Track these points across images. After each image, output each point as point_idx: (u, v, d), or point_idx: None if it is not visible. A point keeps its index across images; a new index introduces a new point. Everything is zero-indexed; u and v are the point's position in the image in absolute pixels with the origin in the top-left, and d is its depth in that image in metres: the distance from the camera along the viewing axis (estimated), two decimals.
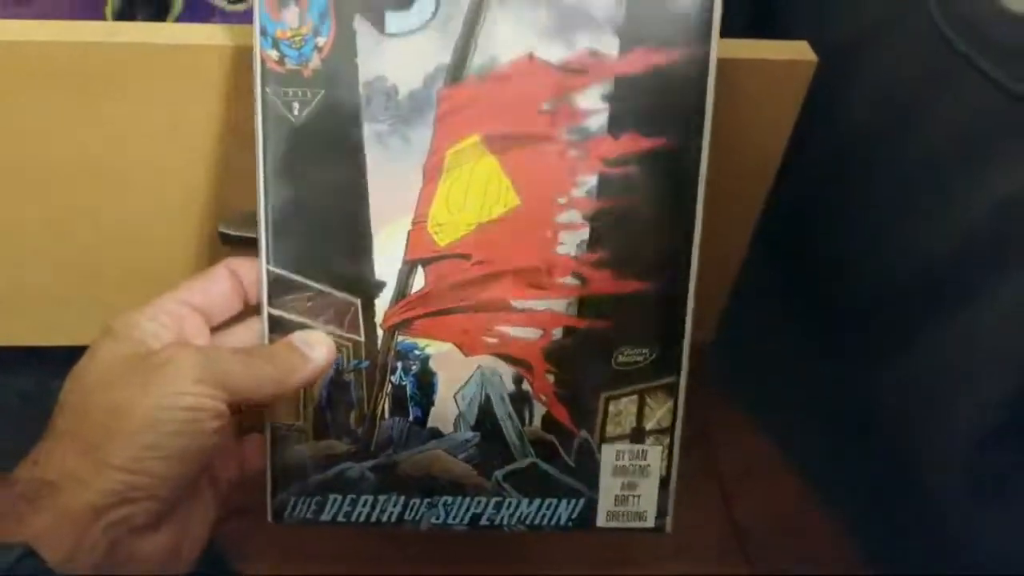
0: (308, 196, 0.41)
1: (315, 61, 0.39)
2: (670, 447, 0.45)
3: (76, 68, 0.40)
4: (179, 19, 0.49)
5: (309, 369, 0.39)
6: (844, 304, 0.51)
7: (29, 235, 0.47)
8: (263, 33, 0.39)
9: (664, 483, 0.45)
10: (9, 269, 0.49)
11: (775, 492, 0.51)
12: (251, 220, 0.41)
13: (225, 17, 0.49)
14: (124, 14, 0.49)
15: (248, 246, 0.42)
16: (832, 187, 0.51)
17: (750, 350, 0.56)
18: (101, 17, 0.48)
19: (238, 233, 0.44)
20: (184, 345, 0.36)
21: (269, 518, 0.44)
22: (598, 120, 0.41)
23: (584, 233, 0.42)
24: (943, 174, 0.42)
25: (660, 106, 0.41)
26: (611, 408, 0.45)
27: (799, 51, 0.43)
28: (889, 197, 0.46)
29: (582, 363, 0.44)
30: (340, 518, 0.44)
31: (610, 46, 0.40)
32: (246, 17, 0.46)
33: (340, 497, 0.44)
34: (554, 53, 0.40)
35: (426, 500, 0.44)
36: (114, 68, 0.40)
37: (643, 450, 0.45)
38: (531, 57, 0.40)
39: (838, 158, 0.49)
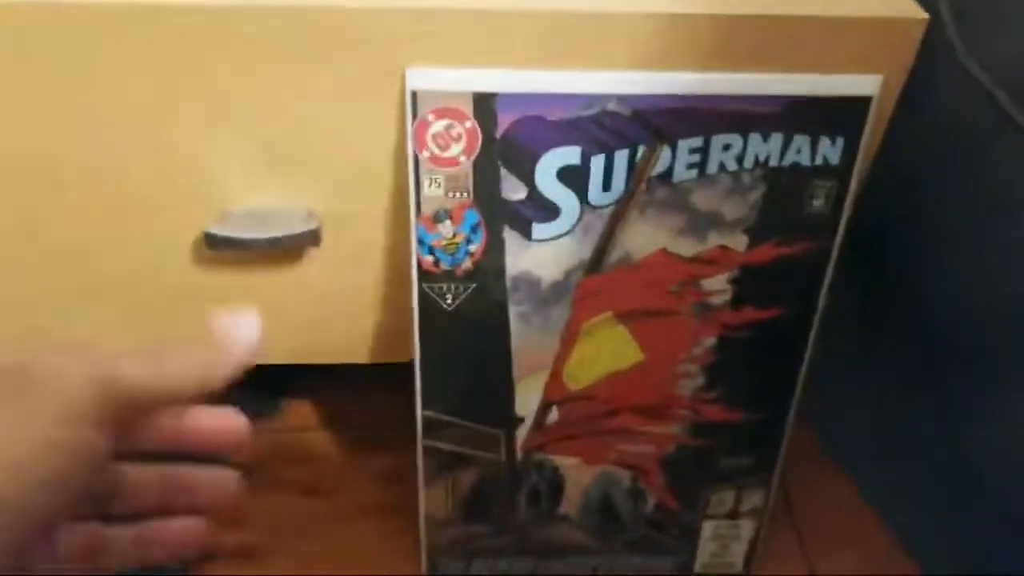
0: (459, 358, 0.46)
1: (467, 263, 0.43)
2: (760, 519, 0.54)
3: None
4: None
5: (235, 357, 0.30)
6: (943, 350, 0.54)
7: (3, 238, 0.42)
8: (420, 242, 0.42)
9: (753, 542, 0.54)
10: None
11: (856, 541, 0.57)
12: (239, 220, 0.40)
13: None
14: None
15: (235, 248, 0.41)
16: (917, 225, 0.52)
17: (839, 395, 0.61)
18: None
19: (225, 234, 0.41)
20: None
21: (423, 572, 0.55)
22: (722, 297, 0.45)
23: (701, 379, 0.48)
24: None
25: (782, 285, 0.44)
26: (713, 498, 0.53)
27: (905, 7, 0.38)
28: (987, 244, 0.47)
29: (691, 469, 0.51)
30: (484, 573, 0.55)
31: (739, 243, 0.43)
32: None
33: (483, 560, 0.54)
34: (685, 248, 0.43)
35: (555, 559, 0.54)
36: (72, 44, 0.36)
37: (737, 523, 0.54)
38: (664, 251, 0.43)
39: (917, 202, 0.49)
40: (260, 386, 0.65)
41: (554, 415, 0.49)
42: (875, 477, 0.60)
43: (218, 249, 0.42)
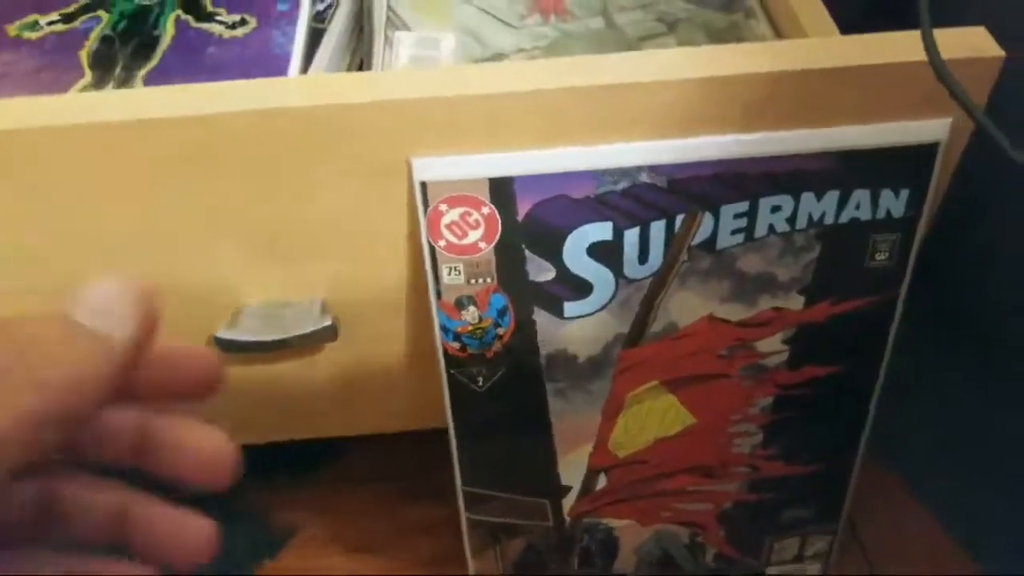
0: (496, 436, 0.43)
1: (497, 346, 0.39)
2: (827, 560, 0.51)
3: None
4: (167, 51, 0.43)
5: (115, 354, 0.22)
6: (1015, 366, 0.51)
7: None
8: (444, 330, 0.39)
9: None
10: None
11: (930, 567, 0.55)
12: (252, 319, 0.37)
13: (222, 46, 0.43)
14: (102, 55, 0.43)
15: (247, 352, 0.38)
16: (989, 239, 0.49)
17: (908, 415, 0.57)
18: (77, 62, 0.43)
19: (232, 338, 0.38)
20: None
21: None
22: (778, 359, 0.41)
23: (759, 438, 0.44)
24: None
25: (844, 342, 0.40)
26: (775, 546, 0.50)
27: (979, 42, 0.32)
28: None
29: (751, 521, 0.48)
30: None
31: (795, 303, 0.39)
32: (248, 43, 0.43)
33: None
34: (734, 313, 0.39)
35: None
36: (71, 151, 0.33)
37: (803, 567, 0.51)
38: (711, 317, 0.39)
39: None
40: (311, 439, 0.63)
41: (602, 481, 0.46)
42: (954, 505, 0.57)
43: (231, 352, 0.39)
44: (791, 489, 0.46)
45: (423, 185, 0.34)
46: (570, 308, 0.38)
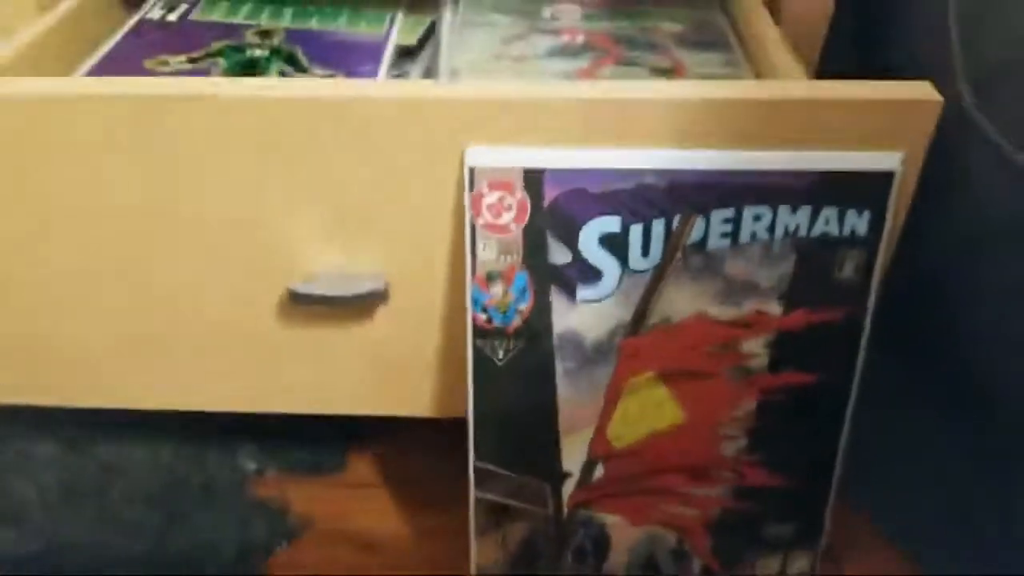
0: (509, 411, 0.49)
1: (517, 321, 0.47)
2: None
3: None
4: None
5: None
6: (993, 418, 0.54)
7: (99, 287, 0.48)
8: (474, 302, 0.46)
9: None
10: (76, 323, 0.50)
11: None
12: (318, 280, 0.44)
13: None
14: None
15: (316, 304, 0.45)
16: (960, 292, 0.53)
17: (885, 464, 0.61)
18: None
19: (304, 291, 0.45)
20: None
21: None
22: (760, 361, 0.47)
23: (743, 442, 0.49)
24: None
25: (817, 351, 0.46)
26: (759, 562, 0.53)
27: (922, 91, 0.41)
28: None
29: (736, 534, 0.52)
30: None
31: (775, 309, 0.45)
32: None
33: None
34: (723, 312, 0.46)
35: None
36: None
37: None
38: (702, 315, 0.46)
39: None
40: (326, 439, 0.70)
41: (599, 472, 0.51)
42: (938, 558, 0.59)
43: (301, 304, 0.47)
44: (774, 501, 0.51)
45: (471, 170, 0.43)
46: (582, 292, 0.45)
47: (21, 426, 0.70)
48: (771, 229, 0.43)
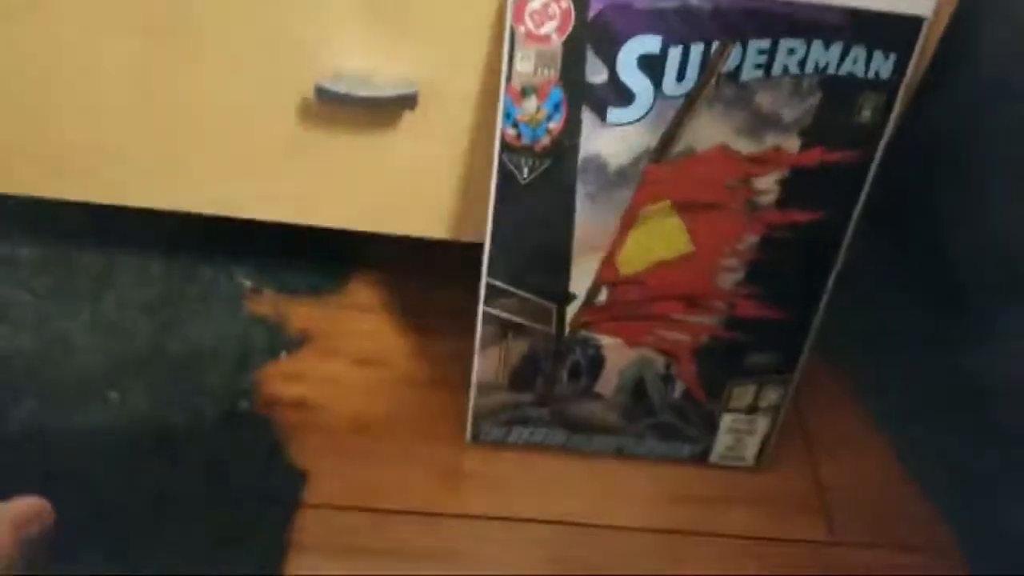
0: (525, 231, 0.51)
1: (545, 140, 0.48)
2: (775, 418, 0.59)
3: None
4: None
5: None
6: (944, 289, 0.60)
7: (115, 83, 0.47)
8: (506, 115, 0.47)
9: (765, 439, 0.60)
10: (88, 118, 0.49)
11: (862, 459, 0.62)
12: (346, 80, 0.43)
13: None
14: None
15: (341, 103, 0.45)
16: (946, 177, 0.58)
17: (855, 325, 0.66)
18: None
19: (335, 89, 0.44)
20: None
21: (467, 440, 0.60)
22: (769, 197, 0.49)
23: (741, 274, 0.53)
24: None
25: (825, 190, 0.49)
26: (735, 391, 0.58)
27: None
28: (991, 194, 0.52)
29: (719, 361, 0.56)
30: (520, 441, 0.60)
31: (792, 145, 0.47)
32: None
33: (522, 428, 0.60)
34: (744, 146, 0.48)
35: (584, 435, 0.60)
36: None
37: (754, 419, 0.59)
38: (724, 147, 0.48)
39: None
40: (326, 258, 0.71)
41: (603, 296, 0.54)
42: (886, 403, 0.66)
43: (326, 103, 0.47)
44: (759, 332, 0.55)
45: None
46: (612, 114, 0.47)
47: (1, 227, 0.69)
48: (802, 64, 0.45)
